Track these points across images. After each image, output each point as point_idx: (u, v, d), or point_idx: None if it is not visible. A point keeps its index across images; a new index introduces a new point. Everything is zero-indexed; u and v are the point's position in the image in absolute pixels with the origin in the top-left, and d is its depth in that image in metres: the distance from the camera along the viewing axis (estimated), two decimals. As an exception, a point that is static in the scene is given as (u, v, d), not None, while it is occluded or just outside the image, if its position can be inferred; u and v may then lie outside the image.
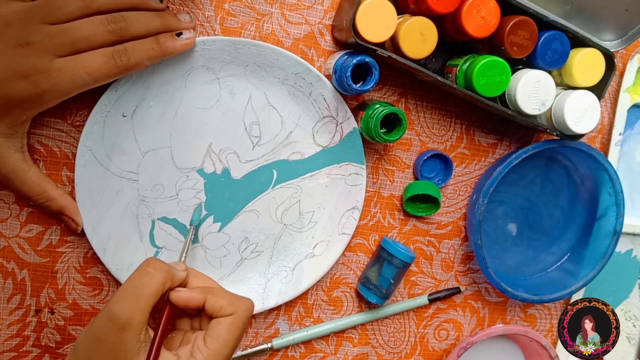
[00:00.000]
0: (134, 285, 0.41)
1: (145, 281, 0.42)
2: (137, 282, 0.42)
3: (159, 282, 0.42)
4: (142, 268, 0.43)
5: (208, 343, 0.43)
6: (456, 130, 0.59)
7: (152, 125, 0.51)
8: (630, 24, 0.54)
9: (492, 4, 0.49)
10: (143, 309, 0.40)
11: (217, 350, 0.43)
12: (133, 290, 0.41)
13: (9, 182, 0.46)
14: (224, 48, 0.50)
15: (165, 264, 0.44)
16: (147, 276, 0.42)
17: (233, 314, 0.44)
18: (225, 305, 0.44)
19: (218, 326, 0.44)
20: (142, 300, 0.40)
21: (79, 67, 0.43)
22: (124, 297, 0.40)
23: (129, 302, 0.40)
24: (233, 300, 0.45)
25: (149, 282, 0.42)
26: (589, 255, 0.61)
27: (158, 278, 0.42)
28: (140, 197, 0.52)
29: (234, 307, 0.44)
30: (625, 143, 0.65)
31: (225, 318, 0.44)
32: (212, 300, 0.45)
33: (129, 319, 0.39)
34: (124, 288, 0.41)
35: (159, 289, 0.42)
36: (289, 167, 0.55)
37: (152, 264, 0.43)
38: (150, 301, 0.41)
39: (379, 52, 0.48)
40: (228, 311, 0.44)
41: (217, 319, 0.44)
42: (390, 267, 0.55)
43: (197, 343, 0.43)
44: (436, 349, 0.63)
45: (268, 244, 0.56)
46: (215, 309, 0.44)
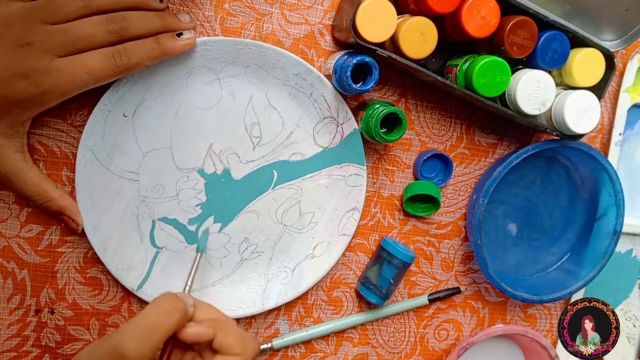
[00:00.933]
0: (148, 323, 0.39)
1: (161, 320, 0.40)
2: (153, 320, 0.39)
3: (174, 323, 0.40)
4: (160, 305, 0.41)
5: None
6: (456, 130, 0.59)
7: (153, 125, 0.51)
8: (630, 24, 0.54)
9: (492, 4, 0.49)
10: (153, 348, 0.38)
11: None
12: (147, 328, 0.39)
13: (9, 182, 0.46)
14: (225, 48, 0.50)
15: (182, 302, 0.42)
16: (165, 316, 0.40)
17: (240, 354, 0.42)
18: (234, 345, 0.42)
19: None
20: (154, 339, 0.39)
21: (79, 67, 0.43)
22: (136, 335, 0.38)
23: (141, 341, 0.38)
24: (242, 339, 0.43)
25: (165, 322, 0.40)
26: (589, 255, 0.61)
27: (174, 318, 0.40)
28: (140, 197, 0.52)
29: (242, 347, 0.43)
30: (625, 143, 0.65)
31: (232, 357, 0.42)
32: (221, 336, 0.43)
33: (138, 358, 0.37)
34: (136, 323, 0.39)
35: (172, 329, 0.40)
36: (289, 167, 0.55)
37: (171, 301, 0.41)
38: (162, 340, 0.39)
39: (379, 52, 0.48)
40: (236, 350, 0.42)
41: (224, 357, 0.42)
42: (390, 267, 0.55)
43: None
44: (436, 349, 0.63)
45: (268, 245, 0.56)
46: (223, 345, 0.42)
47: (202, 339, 0.43)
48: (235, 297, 0.55)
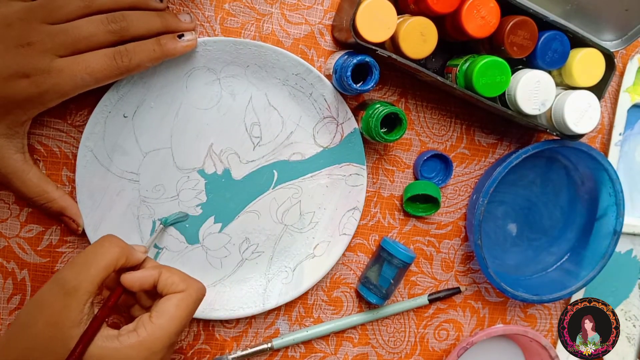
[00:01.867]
0: (86, 255, 0.41)
1: (98, 252, 0.41)
2: (90, 252, 0.41)
3: (113, 256, 0.41)
4: (98, 241, 0.43)
5: (153, 318, 0.42)
6: (456, 130, 0.59)
7: (153, 125, 0.51)
8: (630, 24, 0.54)
9: (492, 4, 0.49)
10: (92, 278, 0.40)
11: (162, 325, 0.41)
12: (84, 259, 0.41)
13: (10, 182, 0.46)
14: (225, 49, 0.50)
15: (122, 241, 0.44)
16: (102, 248, 0.42)
17: (184, 290, 0.43)
18: (177, 281, 0.43)
19: (166, 302, 0.43)
20: (92, 269, 0.40)
21: (80, 68, 0.43)
22: (74, 265, 0.40)
23: (79, 269, 0.40)
24: (186, 278, 0.44)
25: (102, 254, 0.41)
26: (589, 255, 0.61)
27: (112, 251, 0.42)
28: (141, 198, 0.52)
29: (185, 284, 0.43)
30: (625, 143, 0.65)
31: (175, 294, 0.43)
32: (166, 274, 0.44)
33: (76, 285, 0.39)
34: (75, 257, 0.41)
35: (111, 262, 0.41)
36: (289, 167, 0.55)
37: (109, 238, 0.43)
38: (100, 273, 0.40)
39: (379, 52, 0.48)
40: (179, 287, 0.43)
41: (167, 296, 0.43)
42: (390, 267, 0.55)
43: (142, 319, 0.42)
44: (436, 349, 0.63)
45: (269, 245, 0.56)
46: (167, 284, 0.43)
47: (148, 281, 0.44)
48: (236, 297, 0.55)
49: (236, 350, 0.56)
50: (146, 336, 0.41)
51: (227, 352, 0.57)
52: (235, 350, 0.57)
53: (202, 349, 0.56)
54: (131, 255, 0.44)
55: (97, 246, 0.42)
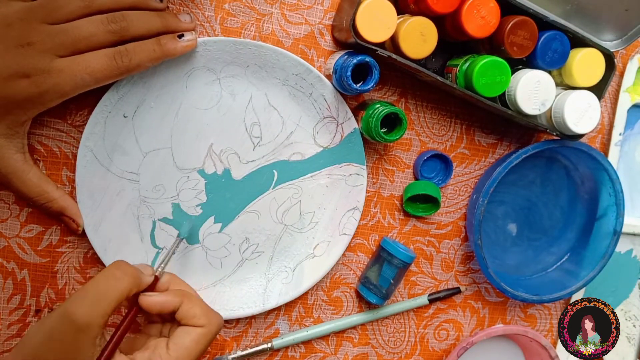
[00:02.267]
0: (97, 288, 0.39)
1: (110, 285, 0.40)
2: (102, 285, 0.40)
3: (125, 288, 0.40)
4: (110, 271, 0.41)
5: (171, 350, 0.41)
6: (456, 130, 0.59)
7: (153, 125, 0.51)
8: (630, 24, 0.54)
9: (492, 4, 0.49)
10: (104, 313, 0.38)
11: (178, 359, 0.41)
12: (96, 293, 0.39)
13: (10, 182, 0.46)
14: (224, 49, 0.50)
15: (133, 268, 0.42)
16: (113, 280, 0.40)
17: (204, 326, 0.42)
18: (199, 315, 0.42)
19: (186, 336, 0.42)
20: (104, 304, 0.39)
21: (80, 68, 0.43)
22: (85, 299, 0.39)
23: (90, 305, 0.38)
24: (207, 312, 0.43)
25: (114, 287, 0.40)
26: (589, 255, 0.61)
27: (124, 283, 0.40)
28: (141, 198, 0.52)
29: (207, 319, 0.42)
30: (625, 143, 0.65)
31: (195, 329, 0.42)
32: (188, 306, 0.43)
33: (88, 322, 0.38)
34: (86, 288, 0.39)
35: (123, 294, 0.40)
36: (289, 167, 0.55)
37: (121, 267, 0.41)
38: (112, 306, 0.39)
39: (379, 52, 0.48)
40: (201, 322, 0.42)
41: (186, 328, 0.42)
42: (390, 267, 0.55)
43: (158, 349, 0.41)
44: (436, 349, 0.63)
45: (269, 245, 0.56)
46: (188, 315, 0.42)
47: (167, 308, 0.43)
48: (236, 297, 0.55)
49: (236, 350, 0.56)
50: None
51: (227, 352, 0.57)
52: (235, 350, 0.57)
53: (202, 349, 0.56)
54: (141, 282, 0.43)
55: (108, 277, 0.40)
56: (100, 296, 0.39)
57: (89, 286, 0.40)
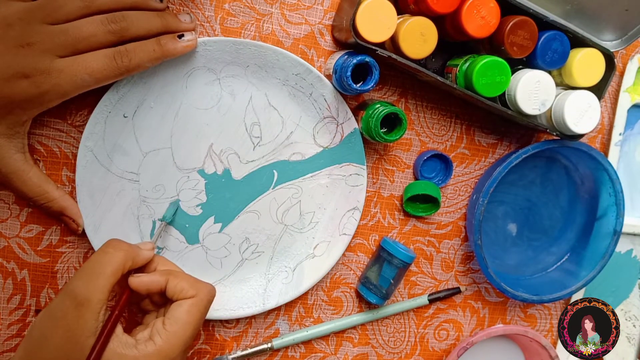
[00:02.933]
0: (92, 264, 0.41)
1: (104, 260, 0.41)
2: (96, 261, 0.41)
3: (118, 261, 0.42)
4: (102, 248, 0.43)
5: (167, 325, 0.42)
6: (456, 130, 0.59)
7: (153, 125, 0.51)
8: (630, 24, 0.54)
9: (492, 4, 0.49)
10: (102, 287, 0.40)
11: (176, 332, 0.42)
12: (92, 268, 0.41)
13: (10, 182, 0.46)
14: (224, 49, 0.50)
15: (126, 244, 0.44)
16: (107, 255, 0.42)
17: (194, 296, 0.43)
18: (187, 287, 0.44)
19: (178, 309, 0.43)
20: (100, 278, 0.40)
21: (80, 68, 0.43)
22: (83, 276, 0.40)
23: (87, 280, 0.40)
24: (195, 282, 0.44)
25: (108, 261, 0.41)
26: (589, 255, 0.61)
27: (117, 257, 0.42)
28: (141, 198, 0.52)
29: (195, 290, 0.44)
30: (625, 143, 0.65)
31: (185, 300, 0.43)
32: (174, 282, 0.44)
33: (87, 296, 0.39)
34: (83, 267, 0.41)
35: (118, 267, 0.42)
36: (289, 167, 0.55)
37: (112, 243, 0.43)
38: (109, 280, 0.41)
39: (379, 52, 0.48)
40: (189, 293, 0.43)
41: (178, 302, 0.43)
42: (390, 267, 0.55)
43: (156, 326, 0.43)
44: (436, 349, 0.63)
45: (269, 245, 0.56)
46: (176, 291, 0.44)
47: (155, 286, 0.44)
48: (236, 297, 0.55)
49: (236, 350, 0.56)
50: (162, 344, 0.41)
51: (227, 352, 0.57)
52: (235, 350, 0.57)
53: (202, 349, 0.56)
54: (137, 256, 0.44)
55: (101, 254, 0.42)
56: (95, 271, 0.41)
57: (84, 265, 0.42)
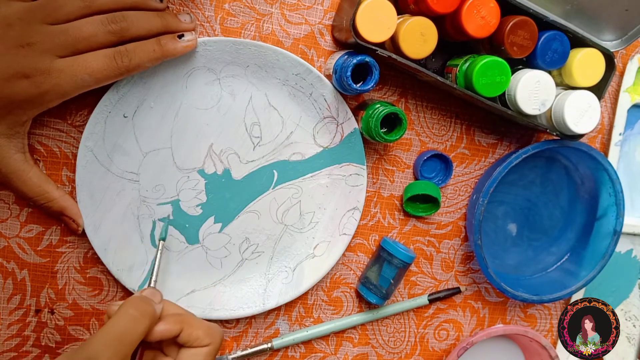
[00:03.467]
0: (119, 332, 0.38)
1: (130, 328, 0.39)
2: (122, 328, 0.39)
3: (146, 330, 0.40)
4: (128, 312, 0.40)
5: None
6: (456, 130, 0.59)
7: (153, 125, 0.51)
8: (630, 24, 0.54)
9: (492, 4, 0.49)
10: (126, 356, 0.38)
11: None
12: (118, 336, 0.38)
13: (10, 182, 0.46)
14: (224, 49, 0.50)
15: (151, 305, 0.41)
16: (133, 322, 0.39)
17: (210, 344, 0.42)
18: (202, 336, 0.42)
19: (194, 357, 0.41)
20: (127, 348, 0.38)
21: (80, 68, 0.43)
22: (107, 344, 0.37)
23: (114, 350, 0.37)
24: (208, 330, 0.43)
25: (136, 330, 0.39)
26: (589, 255, 0.61)
27: (144, 325, 0.39)
28: (141, 198, 0.52)
29: (210, 338, 0.42)
30: (625, 143, 0.65)
31: (201, 349, 0.42)
32: (189, 330, 0.42)
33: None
34: (107, 332, 0.38)
35: (143, 335, 0.39)
36: (289, 167, 0.55)
37: (139, 307, 0.40)
38: (133, 348, 0.38)
39: (379, 52, 0.48)
40: (205, 342, 0.42)
41: (192, 350, 0.42)
42: (390, 267, 0.55)
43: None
44: (436, 349, 0.63)
45: (269, 245, 0.56)
46: (191, 339, 0.42)
47: (169, 336, 0.42)
48: (236, 297, 0.55)
49: (236, 350, 0.56)
50: None
51: (227, 352, 0.57)
52: (235, 350, 0.57)
53: (202, 349, 0.56)
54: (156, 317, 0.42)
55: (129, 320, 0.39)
56: (122, 339, 0.38)
57: (109, 328, 0.39)
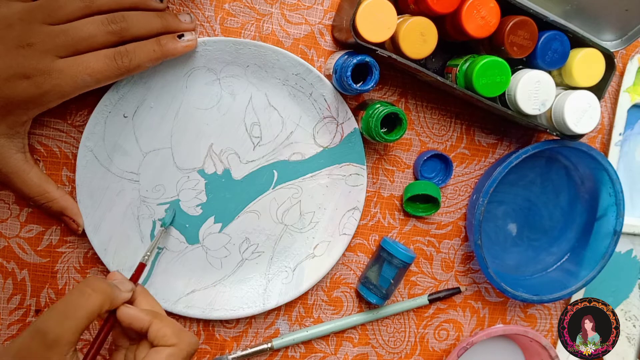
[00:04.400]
0: (67, 305, 0.39)
1: (80, 302, 0.39)
2: (72, 301, 0.39)
3: (95, 305, 0.39)
4: (80, 287, 0.40)
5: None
6: (456, 130, 0.59)
7: (153, 125, 0.51)
8: (630, 24, 0.54)
9: (492, 4, 0.49)
10: (73, 329, 0.38)
11: None
12: (65, 309, 0.38)
13: (10, 182, 0.46)
14: (224, 49, 0.50)
15: (107, 285, 0.41)
16: (83, 297, 0.39)
17: (175, 345, 0.41)
18: (170, 335, 0.41)
19: (155, 355, 0.41)
20: (72, 321, 0.38)
21: (80, 69, 0.43)
22: (55, 316, 0.38)
23: (59, 321, 0.38)
24: (178, 331, 0.42)
25: (84, 304, 0.39)
26: (589, 255, 0.61)
27: (94, 300, 0.39)
28: (141, 198, 0.52)
29: (177, 339, 0.41)
30: (625, 143, 0.65)
31: (165, 348, 0.41)
32: (158, 325, 0.42)
33: (57, 338, 0.37)
34: (56, 306, 0.39)
35: (94, 311, 0.39)
36: (289, 167, 0.55)
37: (92, 284, 0.40)
38: (82, 323, 0.38)
39: (379, 52, 0.48)
40: (171, 341, 0.41)
41: (157, 348, 0.41)
42: (390, 267, 0.55)
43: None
44: (436, 349, 0.63)
45: (269, 245, 0.56)
46: (158, 335, 0.42)
47: (138, 324, 0.42)
48: (236, 297, 0.55)
49: (236, 350, 0.56)
50: None
51: (227, 352, 0.57)
52: (235, 350, 0.57)
53: (202, 349, 0.56)
54: (115, 298, 0.42)
55: (78, 294, 0.39)
56: (69, 312, 0.38)
57: (58, 303, 0.39)
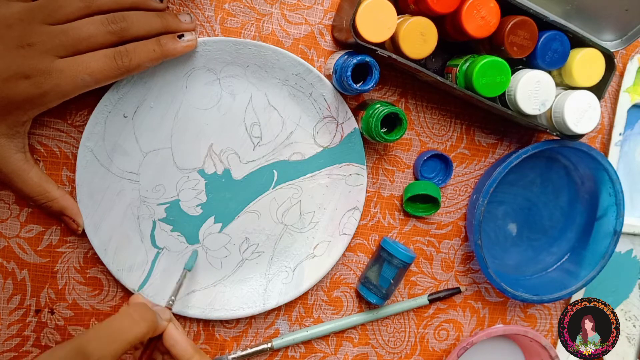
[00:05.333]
0: (112, 329, 0.39)
1: (126, 326, 0.40)
2: (118, 326, 0.40)
3: (141, 333, 0.40)
4: (128, 312, 0.41)
5: None
6: (456, 130, 0.59)
7: (153, 126, 0.51)
8: (630, 24, 0.54)
9: (492, 4, 0.49)
10: (115, 353, 0.38)
11: None
12: (112, 332, 0.39)
13: (10, 182, 0.46)
14: (224, 49, 0.50)
15: (153, 314, 0.42)
16: (131, 322, 0.40)
17: None
18: None
19: None
20: (117, 345, 0.39)
21: (80, 68, 0.43)
22: (100, 337, 0.39)
23: (104, 344, 0.38)
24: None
25: (131, 329, 0.40)
26: (589, 255, 0.61)
27: (141, 328, 0.40)
28: (141, 198, 0.52)
29: None
30: (625, 143, 0.65)
31: None
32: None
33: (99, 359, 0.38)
34: (103, 326, 0.39)
35: (139, 338, 0.40)
36: (289, 167, 0.55)
37: (139, 311, 0.41)
38: (124, 348, 0.39)
39: (379, 52, 0.48)
40: None
41: None
42: (390, 267, 0.55)
43: None
44: (436, 349, 0.63)
45: (269, 245, 0.56)
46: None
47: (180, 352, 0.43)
48: (236, 297, 0.55)
49: (236, 350, 0.56)
50: None
51: (227, 352, 0.57)
52: (235, 350, 0.57)
53: (202, 349, 0.56)
54: (157, 328, 0.43)
55: (127, 319, 0.40)
56: (115, 335, 0.39)
57: (104, 324, 0.40)
